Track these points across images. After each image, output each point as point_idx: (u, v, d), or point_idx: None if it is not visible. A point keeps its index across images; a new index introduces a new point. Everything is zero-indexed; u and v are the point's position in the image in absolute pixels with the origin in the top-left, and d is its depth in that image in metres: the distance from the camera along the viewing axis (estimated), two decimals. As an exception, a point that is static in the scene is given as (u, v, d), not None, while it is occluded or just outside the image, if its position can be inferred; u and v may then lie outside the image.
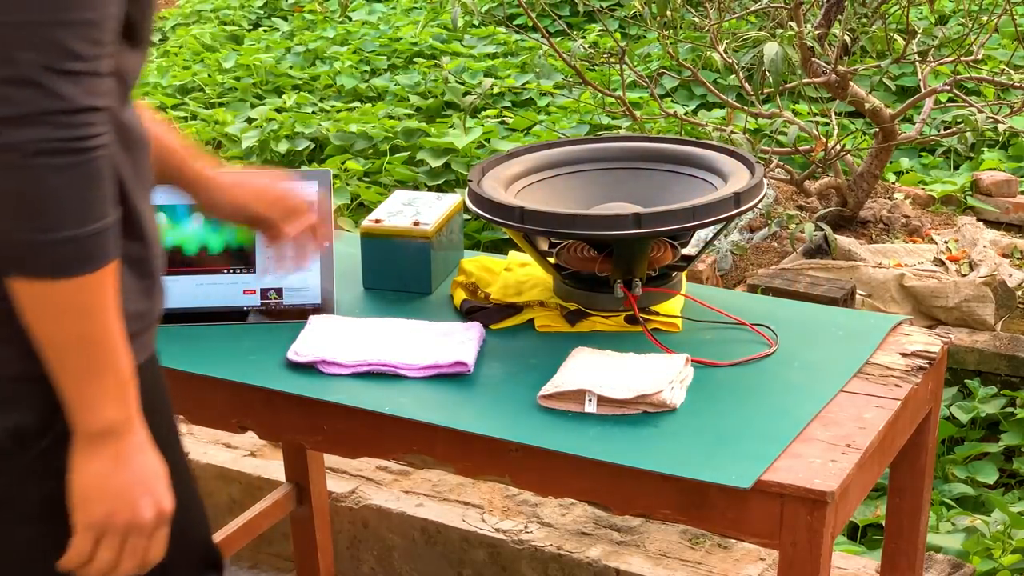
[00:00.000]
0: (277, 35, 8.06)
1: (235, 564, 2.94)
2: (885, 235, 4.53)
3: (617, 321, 1.97)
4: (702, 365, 1.83)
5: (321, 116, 6.19)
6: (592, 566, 2.55)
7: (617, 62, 4.27)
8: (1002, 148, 5.54)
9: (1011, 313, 3.91)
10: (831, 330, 1.97)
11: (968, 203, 4.84)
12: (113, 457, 1.30)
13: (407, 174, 5.33)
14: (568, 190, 2.11)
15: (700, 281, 3.80)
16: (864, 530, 3.02)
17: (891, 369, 1.84)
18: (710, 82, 4.96)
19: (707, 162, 2.09)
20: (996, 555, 2.76)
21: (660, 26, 4.21)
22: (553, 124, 5.77)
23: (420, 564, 2.75)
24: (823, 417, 1.71)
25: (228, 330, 2.00)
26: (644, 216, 1.88)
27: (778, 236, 4.56)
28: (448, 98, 6.37)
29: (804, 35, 4.10)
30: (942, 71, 5.05)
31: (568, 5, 7.59)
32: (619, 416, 1.71)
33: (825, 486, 1.54)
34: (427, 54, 7.26)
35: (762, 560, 2.54)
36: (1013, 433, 3.37)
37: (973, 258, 4.19)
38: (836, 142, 4.35)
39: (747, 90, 4.24)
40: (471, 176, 2.04)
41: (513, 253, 2.21)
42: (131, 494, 1.31)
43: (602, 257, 2.00)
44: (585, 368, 1.77)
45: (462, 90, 6.32)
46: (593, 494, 1.68)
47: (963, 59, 4.28)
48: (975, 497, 3.18)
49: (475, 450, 1.72)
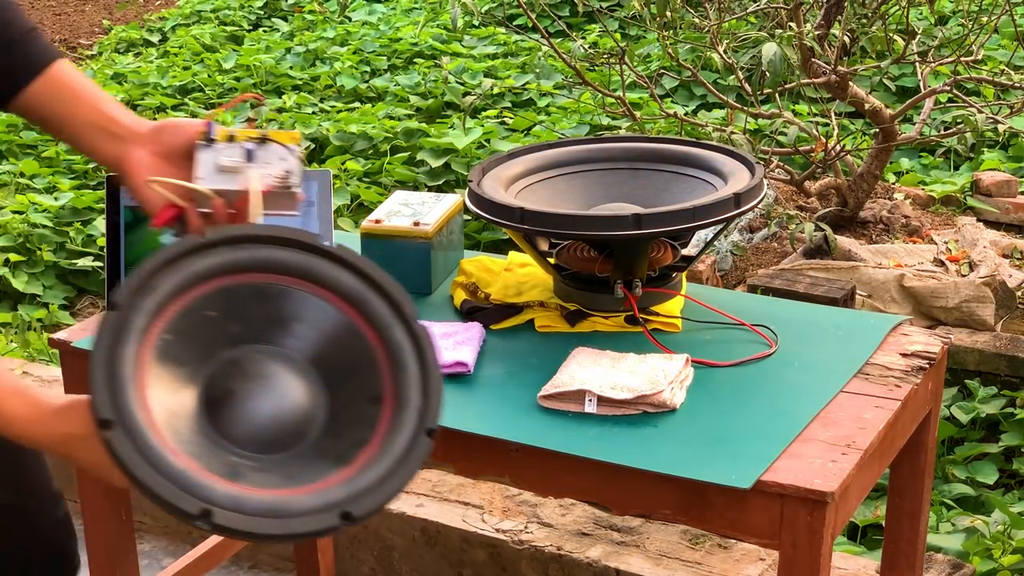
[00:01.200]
0: (277, 35, 8.06)
1: (235, 564, 2.94)
2: (885, 235, 4.53)
3: (617, 321, 1.97)
4: (702, 365, 1.83)
5: (321, 116, 6.20)
6: (592, 566, 2.55)
7: (617, 62, 4.27)
8: (1002, 148, 5.54)
9: (1011, 313, 3.91)
10: (831, 330, 1.97)
11: (968, 203, 4.84)
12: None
13: (407, 174, 5.33)
14: (568, 190, 2.11)
15: (700, 281, 3.80)
16: (864, 530, 3.02)
17: (891, 369, 1.84)
18: (710, 82, 4.96)
19: (707, 162, 2.09)
20: (996, 555, 2.76)
21: (660, 26, 4.21)
22: (553, 124, 5.77)
23: (420, 564, 2.75)
24: (823, 417, 1.71)
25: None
26: (644, 216, 1.88)
27: (778, 236, 4.56)
28: (448, 98, 6.37)
29: (804, 35, 4.10)
30: (942, 71, 5.05)
31: (568, 5, 7.59)
32: (619, 416, 1.71)
33: (825, 486, 1.54)
34: (427, 54, 7.26)
35: (762, 560, 2.54)
36: (1013, 433, 3.37)
37: (973, 258, 4.19)
38: (836, 142, 4.35)
39: (747, 90, 4.24)
40: (471, 176, 2.04)
41: (513, 253, 2.21)
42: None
43: (602, 257, 2.00)
44: (585, 368, 1.77)
45: (462, 90, 6.32)
46: (593, 494, 1.68)
47: (963, 59, 4.28)
48: (975, 497, 3.18)
49: (475, 450, 1.72)
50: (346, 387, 1.35)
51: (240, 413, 1.30)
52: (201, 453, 1.26)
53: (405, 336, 1.36)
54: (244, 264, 1.36)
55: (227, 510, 1.22)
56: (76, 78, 1.56)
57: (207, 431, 1.28)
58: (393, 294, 1.37)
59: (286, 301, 1.36)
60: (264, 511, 1.23)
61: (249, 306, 1.35)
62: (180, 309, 1.32)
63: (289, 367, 1.34)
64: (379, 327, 1.36)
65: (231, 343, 1.33)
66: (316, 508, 1.25)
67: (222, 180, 1.46)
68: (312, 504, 1.25)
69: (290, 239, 1.38)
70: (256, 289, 1.36)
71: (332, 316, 1.36)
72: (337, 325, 1.36)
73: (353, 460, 1.30)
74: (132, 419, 1.23)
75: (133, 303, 1.29)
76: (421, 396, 1.34)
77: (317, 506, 1.25)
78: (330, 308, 1.36)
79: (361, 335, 1.36)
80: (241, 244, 1.37)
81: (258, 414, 1.30)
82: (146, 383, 1.26)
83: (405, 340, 1.36)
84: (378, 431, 1.32)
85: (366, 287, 1.37)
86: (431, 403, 1.34)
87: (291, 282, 1.37)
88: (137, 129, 1.53)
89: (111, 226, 2.01)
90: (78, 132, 1.56)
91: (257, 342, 1.34)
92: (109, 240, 2.00)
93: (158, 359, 1.28)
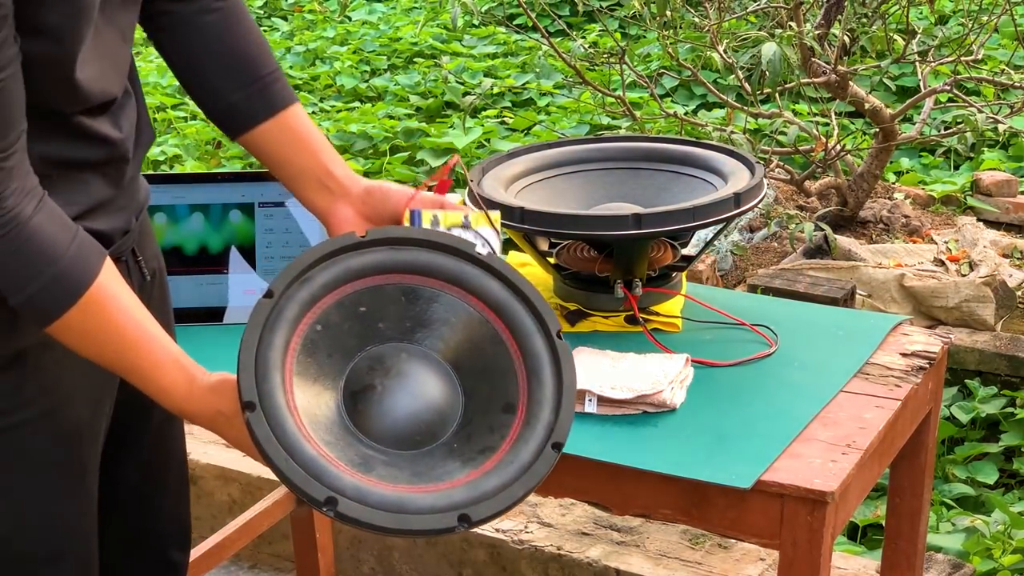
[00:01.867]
0: (277, 35, 8.06)
1: (235, 564, 2.94)
2: (885, 235, 4.53)
3: (617, 321, 1.97)
4: (702, 365, 1.83)
5: (321, 116, 6.20)
6: (592, 566, 2.55)
7: (617, 62, 4.27)
8: (1002, 148, 5.54)
9: (1011, 313, 3.91)
10: (831, 330, 1.97)
11: (968, 203, 4.84)
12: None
13: (407, 174, 5.33)
14: (568, 190, 2.11)
15: (700, 281, 3.80)
16: (864, 530, 3.02)
17: (891, 369, 1.84)
18: (710, 82, 4.96)
19: (707, 162, 2.09)
20: (996, 555, 2.76)
21: (660, 26, 4.21)
22: (553, 124, 5.77)
23: (420, 564, 2.75)
24: (823, 417, 1.71)
25: (228, 330, 2.00)
26: (644, 216, 1.88)
27: (778, 236, 4.56)
28: (448, 98, 6.37)
29: (804, 35, 4.10)
30: (942, 71, 5.05)
31: (568, 5, 7.59)
32: (619, 416, 1.71)
33: (825, 486, 1.54)
34: (427, 54, 7.26)
35: (762, 560, 2.54)
36: (1013, 433, 3.37)
37: (973, 258, 4.19)
38: (836, 142, 4.35)
39: (747, 90, 4.24)
40: (471, 176, 2.04)
41: (513, 253, 2.21)
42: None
43: (602, 257, 2.00)
44: (585, 368, 1.77)
45: (462, 90, 6.31)
46: (593, 494, 1.68)
47: (963, 59, 4.28)
48: (975, 497, 3.18)
49: (475, 450, 1.72)
50: (483, 392, 1.38)
51: (378, 408, 1.33)
52: (335, 442, 1.30)
53: (545, 348, 1.39)
54: (399, 265, 1.40)
55: (351, 500, 1.25)
56: (305, 124, 1.63)
57: (344, 422, 1.32)
58: (538, 306, 1.41)
59: (435, 304, 1.40)
60: (387, 505, 1.26)
61: (398, 305, 1.39)
62: (333, 302, 1.36)
63: (431, 368, 1.37)
64: (520, 337, 1.39)
65: (378, 339, 1.37)
66: (436, 508, 1.28)
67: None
68: (433, 503, 1.28)
69: (445, 245, 1.42)
70: (407, 289, 1.40)
71: (478, 322, 1.40)
72: (482, 332, 1.40)
73: (480, 465, 1.33)
74: (274, 404, 1.27)
75: (287, 292, 1.34)
76: (553, 411, 1.37)
77: (438, 506, 1.28)
78: (476, 314, 1.40)
79: (503, 344, 1.39)
80: (398, 245, 1.41)
81: (396, 410, 1.34)
82: (291, 370, 1.31)
83: (545, 352, 1.39)
84: (507, 439, 1.35)
85: (513, 297, 1.41)
86: (562, 418, 1.36)
87: (441, 286, 1.41)
88: (348, 186, 1.62)
89: (111, 226, 2.01)
90: (295, 176, 1.63)
91: (402, 340, 1.38)
92: (109, 240, 2.01)
93: (306, 348, 1.33)
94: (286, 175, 1.64)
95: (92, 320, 1.34)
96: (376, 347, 1.37)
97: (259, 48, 1.63)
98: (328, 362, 1.34)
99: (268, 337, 1.31)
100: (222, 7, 1.61)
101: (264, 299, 1.33)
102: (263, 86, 1.61)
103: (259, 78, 1.61)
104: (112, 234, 1.47)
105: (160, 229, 2.01)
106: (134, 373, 1.38)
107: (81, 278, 1.32)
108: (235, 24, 1.62)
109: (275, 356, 1.30)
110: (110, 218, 1.47)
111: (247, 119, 1.62)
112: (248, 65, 1.61)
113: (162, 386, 1.38)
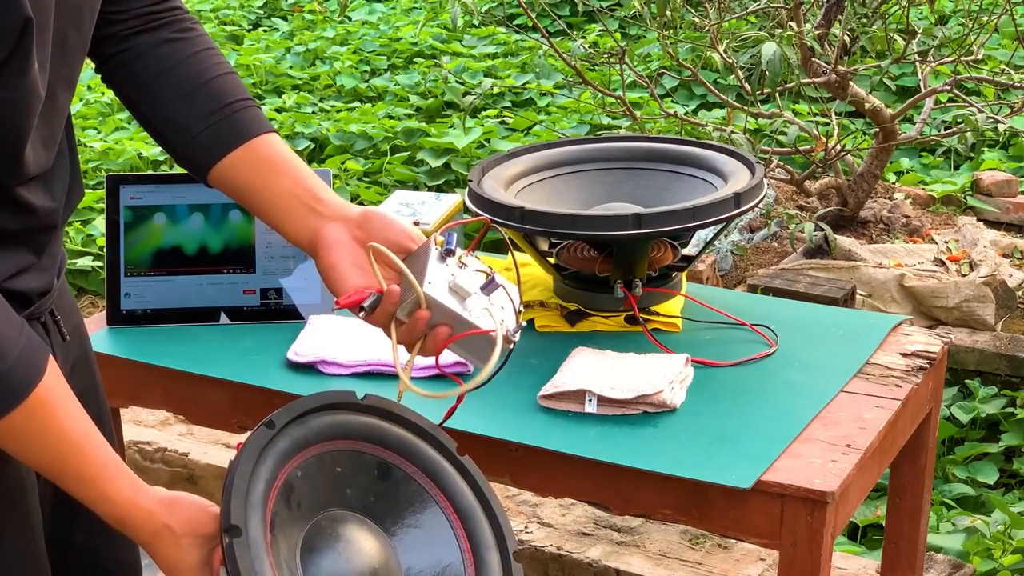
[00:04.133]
0: (277, 35, 8.06)
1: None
2: (885, 235, 4.53)
3: (617, 321, 1.97)
4: (702, 365, 1.83)
5: (321, 116, 6.19)
6: (592, 566, 2.55)
7: (617, 62, 4.26)
8: (1002, 148, 5.54)
9: (1011, 313, 3.91)
10: (831, 330, 1.97)
11: (968, 203, 4.84)
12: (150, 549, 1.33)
13: (407, 174, 5.33)
14: (568, 190, 2.11)
15: (700, 281, 3.80)
16: (864, 530, 3.02)
17: (891, 369, 1.84)
18: (710, 82, 4.96)
19: (707, 162, 2.09)
20: (996, 555, 2.76)
21: (660, 26, 4.21)
22: (553, 124, 5.77)
23: (420, 564, 2.75)
24: (823, 417, 1.71)
25: (228, 330, 2.00)
26: (644, 216, 1.88)
27: (778, 236, 4.56)
28: (448, 98, 6.37)
29: (804, 35, 4.10)
30: (942, 71, 5.05)
31: (568, 5, 7.59)
32: (619, 416, 1.71)
33: (825, 486, 1.54)
34: (427, 54, 7.26)
35: (762, 560, 2.54)
36: (1013, 433, 3.37)
37: (973, 258, 4.19)
38: (836, 142, 4.35)
39: (747, 90, 4.24)
40: (471, 176, 2.04)
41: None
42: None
43: (602, 257, 2.00)
44: (585, 368, 1.77)
45: (462, 90, 6.31)
46: (593, 494, 1.68)
47: (963, 59, 4.28)
48: (975, 497, 3.18)
49: (475, 450, 1.71)
50: None
51: (331, 568, 1.35)
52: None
53: (499, 565, 1.42)
54: (385, 440, 1.43)
55: None
56: (282, 151, 1.49)
57: (297, 571, 1.34)
58: (501, 523, 1.44)
59: (405, 487, 1.43)
60: None
61: (370, 477, 1.42)
62: (316, 453, 1.38)
63: (383, 548, 1.39)
64: (477, 547, 1.42)
65: (341, 504, 1.39)
66: None
67: (446, 296, 1.40)
68: None
69: (432, 436, 1.45)
70: (383, 465, 1.42)
71: (439, 521, 1.43)
72: (442, 534, 1.43)
73: None
74: (256, 536, 1.28)
75: (286, 428, 1.35)
76: None
77: None
78: (440, 513, 1.43)
79: (458, 549, 1.42)
80: (391, 419, 1.44)
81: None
82: (272, 508, 1.32)
83: (498, 568, 1.41)
84: None
85: (479, 507, 1.44)
86: None
87: (415, 472, 1.44)
88: (341, 208, 1.46)
89: (111, 226, 2.01)
90: (273, 201, 1.47)
91: (362, 513, 1.40)
92: (109, 240, 2.01)
93: (284, 491, 1.34)
94: (264, 203, 1.48)
95: (37, 423, 1.24)
96: (338, 511, 1.38)
97: (226, 79, 1.51)
98: (296, 511, 1.35)
99: (260, 469, 1.31)
100: (184, 38, 1.50)
101: (264, 427, 1.33)
102: (231, 113, 1.48)
103: (225, 105, 1.48)
104: (31, 295, 1.36)
105: (160, 229, 2.01)
106: (74, 479, 1.28)
107: (28, 378, 1.21)
108: (199, 53, 1.51)
109: (263, 489, 1.30)
110: (31, 279, 1.36)
111: (216, 149, 1.47)
112: (213, 94, 1.48)
113: (105, 492, 1.29)
